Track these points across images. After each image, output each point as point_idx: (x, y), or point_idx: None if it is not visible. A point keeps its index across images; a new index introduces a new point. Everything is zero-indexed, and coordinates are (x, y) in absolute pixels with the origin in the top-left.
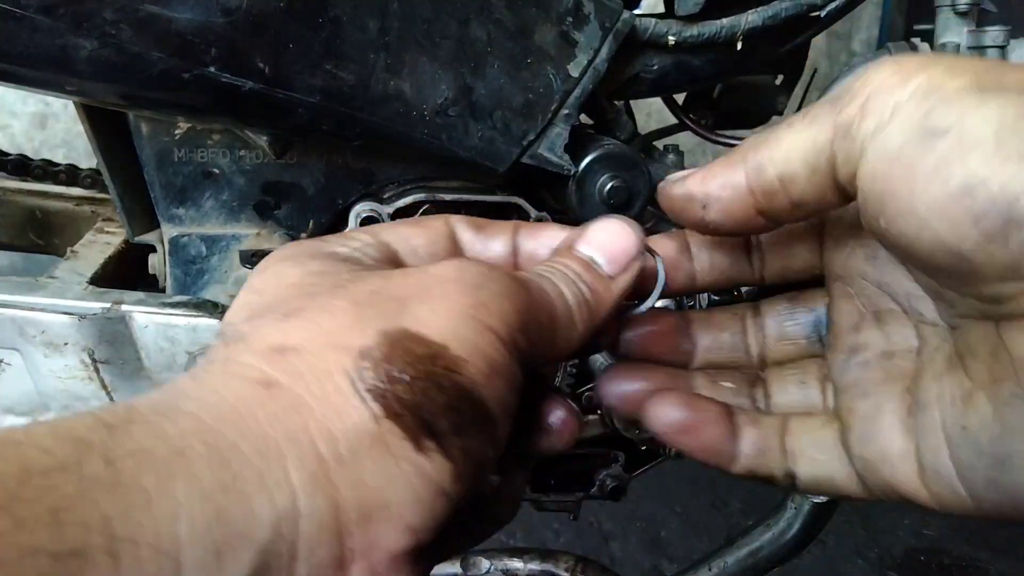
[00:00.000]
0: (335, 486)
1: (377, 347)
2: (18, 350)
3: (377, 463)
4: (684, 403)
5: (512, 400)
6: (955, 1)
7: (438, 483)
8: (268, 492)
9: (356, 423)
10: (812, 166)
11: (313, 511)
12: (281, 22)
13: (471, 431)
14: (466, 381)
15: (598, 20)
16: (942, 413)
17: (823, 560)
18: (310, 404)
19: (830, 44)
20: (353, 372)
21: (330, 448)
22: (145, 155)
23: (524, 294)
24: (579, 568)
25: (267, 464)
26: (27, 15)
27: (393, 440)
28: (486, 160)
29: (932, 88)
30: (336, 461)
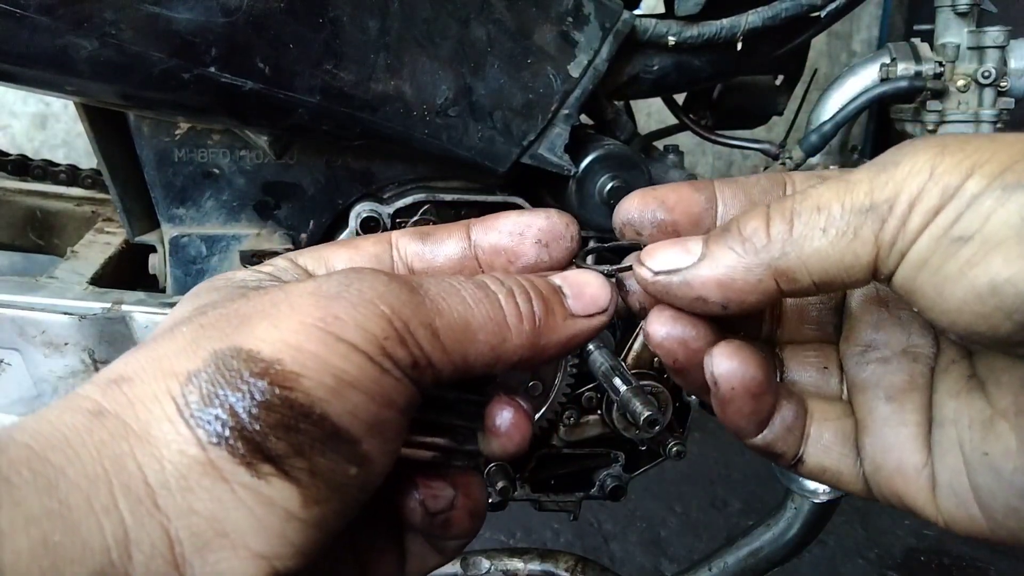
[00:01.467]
0: (165, 515)
1: (205, 369)
2: (18, 350)
3: (209, 491)
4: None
5: (386, 413)
6: (955, 1)
7: (283, 507)
8: (97, 518)
9: (182, 450)
10: (850, 272)
11: (143, 539)
12: (281, 22)
13: (318, 450)
14: (301, 397)
15: (598, 20)
16: (960, 434)
17: (823, 560)
18: (137, 432)
19: (830, 44)
20: (179, 398)
21: (157, 476)
22: (145, 155)
23: (409, 300)
24: (579, 568)
25: (95, 490)
26: (27, 15)
27: (224, 466)
28: (486, 160)
29: (962, 196)
30: (164, 489)
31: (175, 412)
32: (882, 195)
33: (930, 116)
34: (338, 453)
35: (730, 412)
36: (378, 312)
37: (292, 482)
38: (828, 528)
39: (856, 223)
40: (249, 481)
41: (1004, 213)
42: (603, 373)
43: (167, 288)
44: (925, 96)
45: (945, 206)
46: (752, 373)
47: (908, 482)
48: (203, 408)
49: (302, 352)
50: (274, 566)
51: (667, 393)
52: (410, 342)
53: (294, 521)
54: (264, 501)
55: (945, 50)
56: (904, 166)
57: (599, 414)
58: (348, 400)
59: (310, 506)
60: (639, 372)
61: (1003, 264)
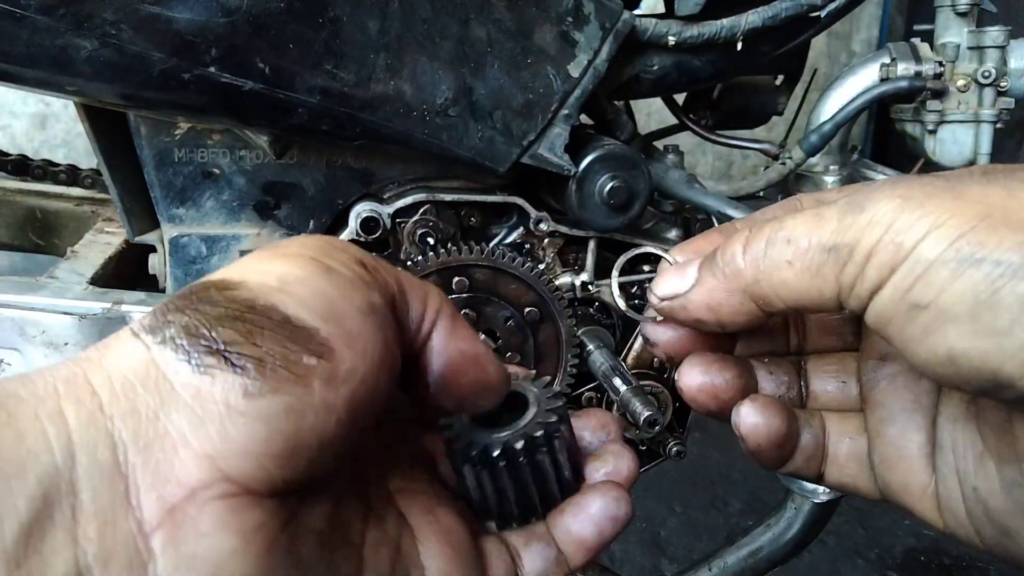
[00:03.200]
0: (108, 417)
1: (163, 304)
2: (18, 350)
3: (152, 391)
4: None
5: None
6: (955, 1)
7: (224, 401)
8: (42, 425)
9: (130, 357)
10: (817, 303)
11: (86, 441)
12: (281, 22)
13: (266, 337)
14: (245, 293)
15: (598, 20)
16: (957, 462)
17: (823, 560)
18: (91, 356)
19: (830, 44)
20: (135, 325)
21: (103, 384)
22: (145, 155)
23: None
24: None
25: (41, 402)
26: (27, 15)
27: (168, 365)
28: (486, 160)
29: (918, 258)
30: (110, 394)
31: (129, 334)
32: (844, 238)
33: (930, 116)
34: (292, 340)
35: (757, 458)
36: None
37: (237, 372)
38: (828, 528)
39: (819, 260)
40: (191, 377)
41: (958, 288)
42: (603, 373)
43: (167, 288)
44: (925, 96)
45: (900, 265)
46: (776, 428)
47: (914, 499)
48: (155, 322)
49: (244, 267)
50: (220, 467)
51: (667, 393)
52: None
53: (235, 415)
54: (204, 397)
55: (945, 50)
56: (867, 213)
57: None
58: (295, 293)
59: (253, 398)
60: (639, 372)
61: (957, 337)
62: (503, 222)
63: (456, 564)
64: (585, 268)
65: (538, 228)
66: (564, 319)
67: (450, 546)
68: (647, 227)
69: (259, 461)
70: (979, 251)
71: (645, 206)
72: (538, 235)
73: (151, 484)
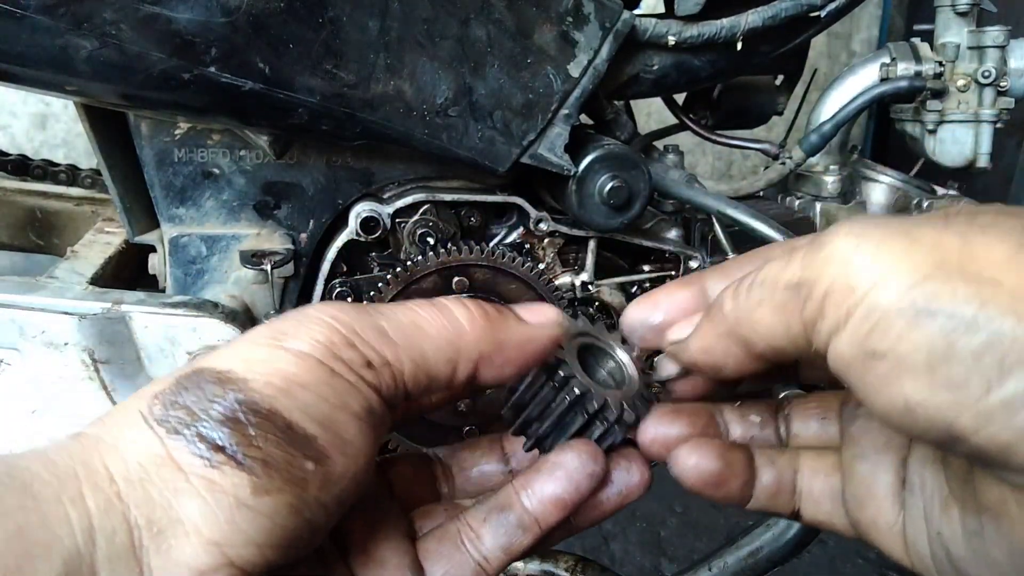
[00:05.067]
0: (126, 504)
1: (169, 387)
2: (18, 350)
3: (166, 480)
4: (715, 454)
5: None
6: (955, 1)
7: (234, 495)
8: (65, 510)
9: (145, 447)
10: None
11: (106, 527)
12: (281, 22)
13: (272, 442)
14: (253, 395)
15: (598, 20)
16: (924, 504)
17: (823, 560)
18: (107, 441)
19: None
20: (145, 410)
21: (121, 472)
22: (145, 155)
23: (353, 309)
24: (579, 568)
25: (63, 486)
26: (27, 15)
27: (181, 457)
28: (486, 160)
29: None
30: (126, 482)
31: (140, 420)
32: (807, 275)
33: (930, 116)
34: (293, 446)
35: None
36: (323, 322)
37: (244, 470)
38: None
39: (785, 298)
40: (203, 470)
41: (914, 340)
42: None
43: (167, 288)
44: (925, 96)
45: (855, 309)
46: (709, 469)
47: (882, 536)
48: (165, 412)
49: (251, 361)
50: (226, 553)
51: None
52: (358, 342)
53: (244, 509)
54: (216, 489)
55: (945, 50)
56: (825, 250)
57: None
58: (297, 398)
59: (260, 495)
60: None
61: (913, 389)
62: (503, 222)
63: None
64: (585, 268)
65: (538, 228)
66: None
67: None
68: (647, 227)
69: (261, 550)
70: (934, 303)
71: (645, 206)
72: (538, 235)
73: (163, 567)
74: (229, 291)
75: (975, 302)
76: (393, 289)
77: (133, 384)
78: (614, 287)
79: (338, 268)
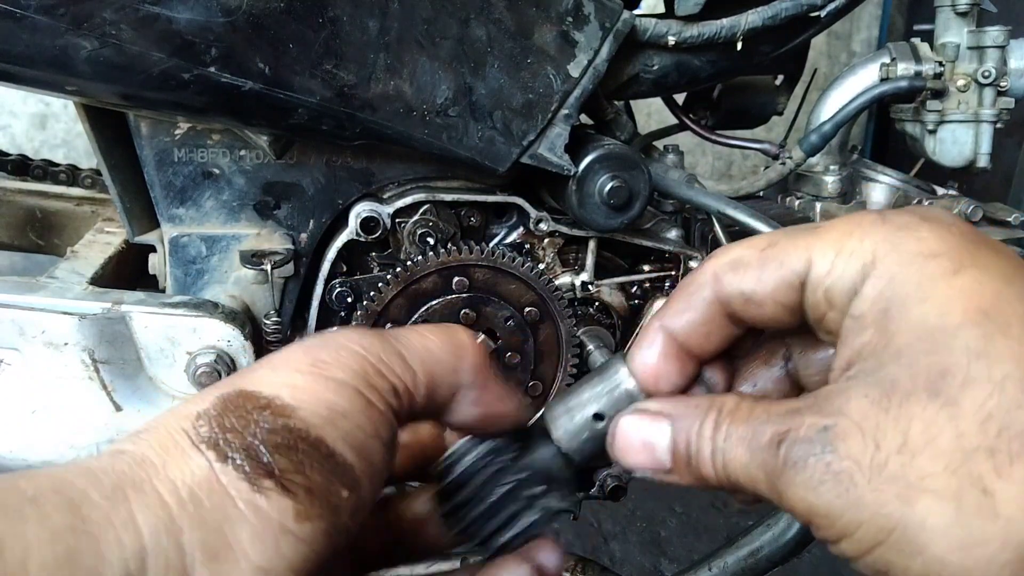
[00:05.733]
0: (179, 528)
1: (213, 407)
2: (18, 350)
3: (217, 505)
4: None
5: (373, 443)
6: (955, 1)
7: (279, 521)
8: (116, 532)
9: (194, 470)
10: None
11: (159, 550)
12: (281, 22)
13: (316, 469)
14: (299, 423)
15: (598, 20)
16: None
17: (823, 560)
18: (153, 460)
19: (830, 44)
20: (191, 430)
21: (173, 494)
22: (145, 155)
23: (377, 337)
24: (579, 568)
25: (114, 507)
26: (27, 15)
27: (230, 482)
28: (486, 160)
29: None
30: (179, 505)
31: (188, 443)
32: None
33: (930, 116)
34: (333, 474)
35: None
36: (355, 352)
37: (289, 496)
38: None
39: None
40: (250, 496)
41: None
42: None
43: (167, 288)
44: (925, 96)
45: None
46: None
47: None
48: (212, 434)
49: (297, 389)
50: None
51: None
52: (386, 371)
53: (288, 535)
54: (263, 515)
55: (945, 50)
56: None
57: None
58: (340, 428)
59: (302, 521)
60: None
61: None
62: (503, 222)
63: None
64: (585, 268)
65: (538, 228)
66: (564, 319)
67: None
68: (647, 227)
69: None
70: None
71: (645, 206)
72: (538, 235)
73: None
74: (229, 291)
75: None
76: (393, 289)
77: (133, 384)
78: (614, 287)
79: (338, 268)
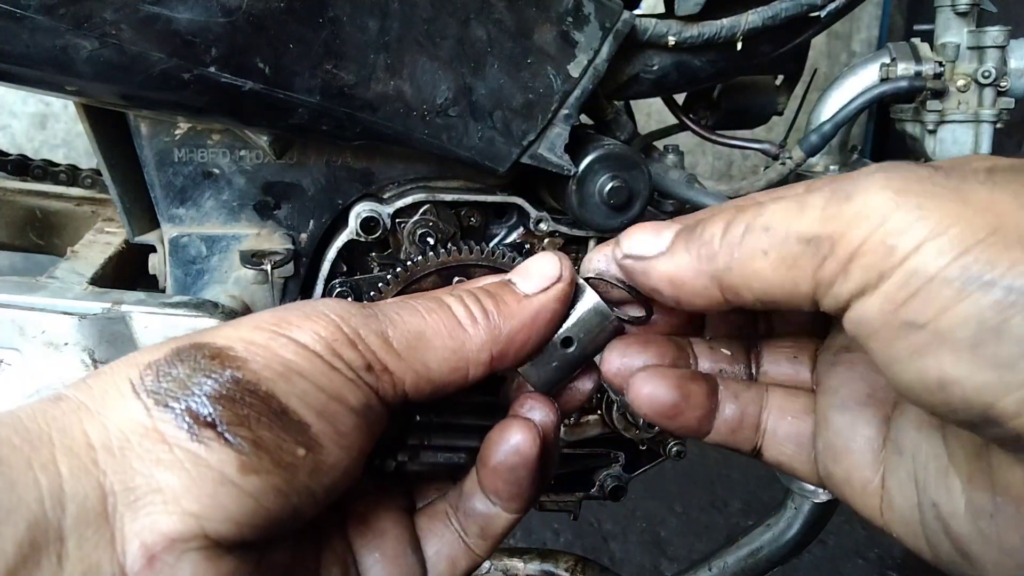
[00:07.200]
0: (102, 471)
1: (164, 357)
2: (18, 350)
3: (149, 451)
4: (670, 384)
5: (336, 407)
6: (955, 1)
7: (219, 471)
8: (34, 475)
9: (130, 416)
10: (790, 298)
11: (77, 491)
12: (281, 22)
13: (264, 424)
14: (249, 375)
15: (598, 20)
16: (917, 470)
17: (823, 560)
18: (89, 407)
19: (830, 44)
20: (135, 379)
21: (100, 438)
22: (145, 155)
23: (359, 312)
24: (579, 568)
25: (35, 450)
26: (27, 15)
27: (167, 429)
28: (486, 160)
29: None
30: (105, 450)
31: (129, 389)
32: (826, 229)
33: (930, 116)
34: (286, 431)
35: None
36: (328, 319)
37: (232, 448)
38: (828, 528)
39: (796, 252)
40: (189, 444)
41: (962, 311)
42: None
43: (167, 288)
44: (925, 96)
45: (891, 273)
46: (662, 398)
47: (855, 492)
48: (156, 383)
49: (254, 344)
50: (203, 526)
51: None
52: (360, 346)
53: (229, 486)
54: (201, 463)
55: (945, 50)
56: (854, 203)
57: (599, 414)
58: (295, 385)
59: (247, 474)
60: None
61: (952, 364)
62: (503, 222)
63: (393, 565)
64: None
65: (538, 228)
66: None
67: (383, 550)
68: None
69: (240, 528)
70: (989, 272)
71: (645, 206)
72: (538, 235)
73: (136, 533)
74: (229, 291)
75: None
76: (393, 289)
77: None
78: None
79: (338, 268)
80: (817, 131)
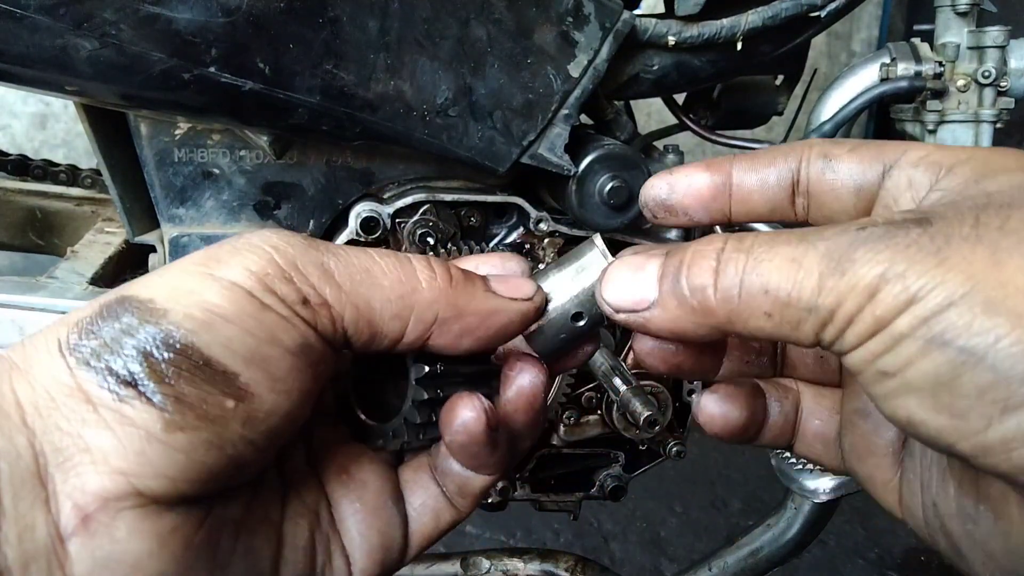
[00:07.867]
0: (32, 431)
1: (90, 315)
2: None
3: (75, 411)
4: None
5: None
6: (955, 1)
7: (144, 429)
8: None
9: (54, 376)
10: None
11: (9, 451)
12: (281, 22)
13: (185, 379)
14: (167, 327)
15: (598, 20)
16: (922, 471)
17: (823, 560)
18: (20, 366)
19: (830, 44)
20: (63, 338)
21: (28, 397)
22: (145, 155)
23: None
24: (579, 568)
25: None
26: (27, 15)
27: (91, 388)
28: (486, 160)
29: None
30: (33, 408)
31: (55, 348)
32: (825, 301)
33: (930, 116)
34: (211, 384)
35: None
36: (261, 252)
37: (155, 407)
38: (828, 528)
39: (798, 317)
40: (112, 403)
41: (923, 366)
42: (603, 373)
43: None
44: (925, 96)
45: (876, 335)
46: (734, 417)
47: (877, 488)
48: (79, 341)
49: (177, 291)
50: (134, 484)
51: (667, 393)
52: (296, 278)
53: (155, 443)
54: (126, 422)
55: (945, 50)
56: (848, 278)
57: (599, 414)
58: (219, 332)
59: (173, 431)
60: (639, 372)
61: (917, 408)
62: (503, 222)
63: (374, 516)
64: None
65: (538, 228)
66: None
67: (363, 501)
68: (647, 227)
69: (175, 483)
70: (948, 333)
71: None
72: (538, 235)
73: (68, 494)
74: None
75: (990, 336)
76: None
77: None
78: None
79: None
80: (817, 131)
